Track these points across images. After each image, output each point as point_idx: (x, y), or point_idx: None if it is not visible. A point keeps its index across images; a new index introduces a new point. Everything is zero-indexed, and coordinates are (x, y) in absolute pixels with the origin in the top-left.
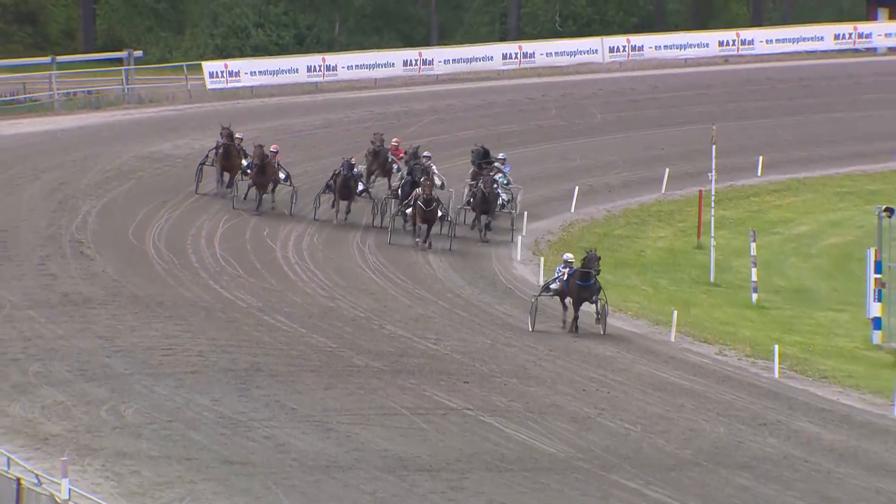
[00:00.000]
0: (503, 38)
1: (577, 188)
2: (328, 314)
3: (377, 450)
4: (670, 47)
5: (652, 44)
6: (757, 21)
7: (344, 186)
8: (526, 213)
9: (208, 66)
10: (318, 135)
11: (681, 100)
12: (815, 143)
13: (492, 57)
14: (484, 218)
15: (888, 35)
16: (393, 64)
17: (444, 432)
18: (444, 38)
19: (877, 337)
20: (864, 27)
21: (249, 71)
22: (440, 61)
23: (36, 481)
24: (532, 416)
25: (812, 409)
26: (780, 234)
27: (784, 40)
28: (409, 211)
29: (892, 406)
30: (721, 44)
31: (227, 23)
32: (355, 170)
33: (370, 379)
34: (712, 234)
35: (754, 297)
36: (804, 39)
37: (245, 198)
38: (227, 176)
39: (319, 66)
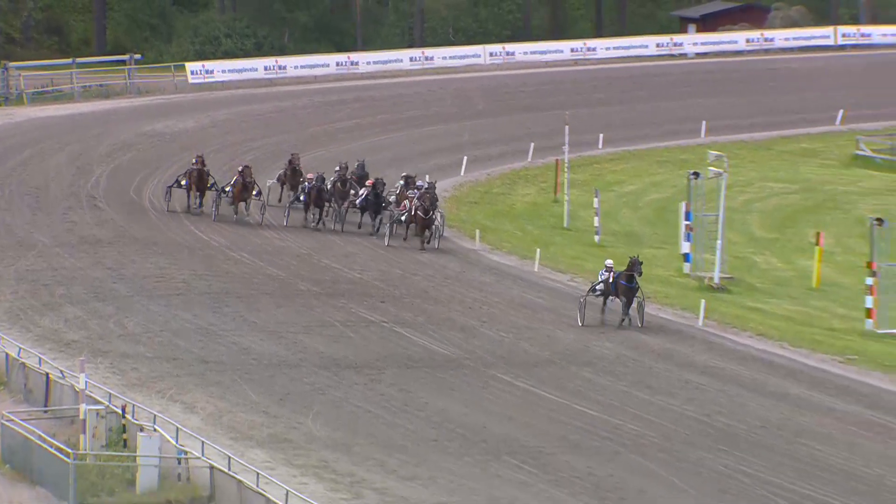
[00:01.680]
0: (410, 46)
1: (465, 158)
2: (280, 252)
3: (316, 352)
4: (535, 52)
5: (521, 50)
6: (599, 33)
7: (318, 197)
8: (427, 175)
9: (190, 66)
10: (273, 117)
11: (543, 92)
12: (641, 124)
13: (402, 59)
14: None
15: (695, 44)
16: (328, 65)
17: (366, 339)
18: (367, 46)
19: (687, 268)
20: (678, 38)
21: (221, 70)
22: (364, 63)
23: (60, 375)
24: (431, 327)
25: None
26: (615, 191)
27: (619, 48)
28: (403, 218)
29: (697, 318)
30: (573, 50)
31: (204, 34)
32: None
33: (311, 300)
34: (567, 192)
35: (597, 238)
36: (634, 47)
37: (217, 210)
38: (196, 196)
39: (273, 66)
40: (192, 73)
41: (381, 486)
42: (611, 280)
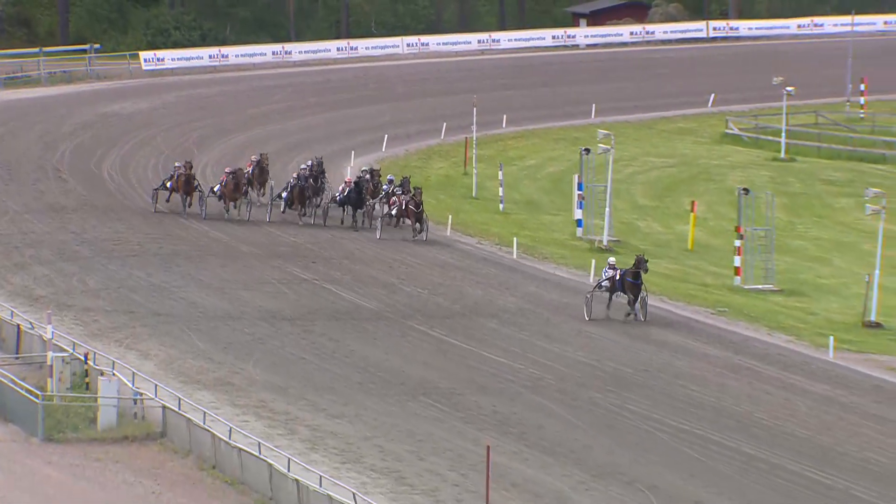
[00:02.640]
0: (338, 37)
1: (386, 136)
2: (223, 218)
3: (255, 306)
4: (446, 44)
5: (434, 41)
6: (502, 26)
7: (301, 194)
8: (354, 151)
9: (144, 54)
10: (216, 100)
11: (453, 79)
12: (540, 106)
13: (330, 49)
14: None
15: (586, 36)
16: (265, 54)
17: (300, 295)
18: (299, 37)
19: (580, 232)
20: (571, 31)
21: (171, 58)
22: (296, 52)
23: (30, 326)
24: (357, 284)
25: (538, 278)
26: (517, 165)
27: (520, 39)
28: (394, 212)
29: (588, 276)
30: (479, 42)
31: (155, 26)
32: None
33: (251, 260)
34: (475, 166)
35: (502, 206)
36: (533, 39)
37: (205, 209)
38: (180, 198)
39: (217, 55)
40: (145, 60)
41: (312, 423)
42: (617, 277)
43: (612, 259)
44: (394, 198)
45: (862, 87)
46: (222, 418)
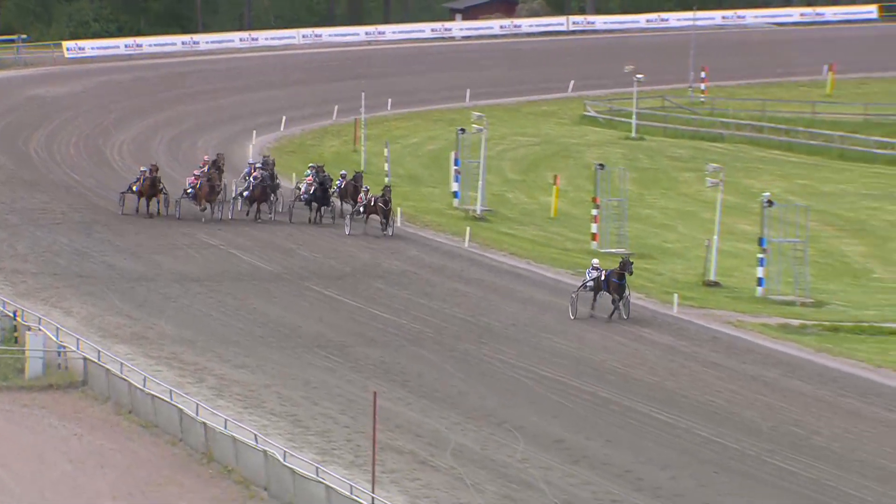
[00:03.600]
0: (241, 29)
1: (284, 117)
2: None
3: (168, 269)
4: (338, 35)
5: (327, 33)
6: (387, 20)
7: (263, 192)
8: (255, 131)
9: (67, 44)
10: (132, 85)
11: (344, 66)
12: (421, 91)
13: (234, 40)
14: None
15: (462, 29)
16: (175, 44)
17: (208, 259)
18: (206, 29)
19: (456, 202)
20: (448, 24)
21: (91, 47)
22: (204, 42)
23: None
24: (258, 249)
25: (419, 243)
26: (401, 143)
27: (403, 32)
28: (362, 209)
29: (463, 241)
30: (367, 34)
31: (77, 19)
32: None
33: (163, 227)
34: (363, 144)
35: (388, 179)
36: (415, 31)
37: (179, 210)
38: (144, 201)
39: (132, 45)
40: (68, 49)
41: (219, 372)
42: (602, 278)
43: (595, 260)
44: (361, 195)
45: (703, 74)
46: (138, 368)
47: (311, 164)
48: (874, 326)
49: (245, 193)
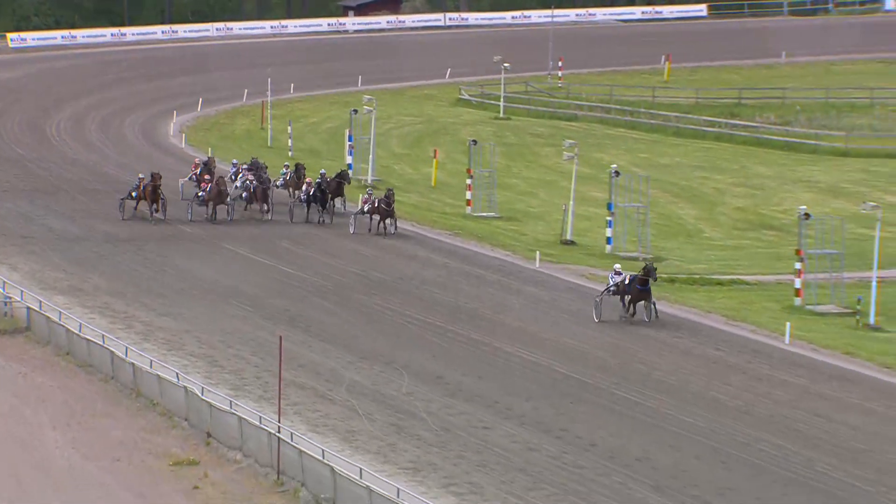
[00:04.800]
0: (163, 23)
1: (201, 99)
2: (75, 163)
3: (100, 231)
4: (247, 29)
5: (238, 27)
6: (289, 15)
7: (263, 193)
8: (176, 111)
9: (11, 35)
10: (68, 72)
11: (253, 56)
12: (319, 77)
13: (156, 32)
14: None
15: (354, 24)
16: (105, 35)
17: (136, 223)
18: (133, 22)
19: (350, 173)
20: (342, 20)
21: (32, 38)
22: (130, 35)
23: None
24: (182, 215)
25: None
26: (302, 122)
27: (304, 26)
28: (366, 209)
29: (356, 206)
30: (272, 27)
31: (20, 13)
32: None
33: (99, 196)
34: (269, 122)
35: (290, 153)
36: (313, 25)
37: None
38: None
39: (68, 37)
40: (11, 40)
41: (145, 320)
42: (626, 282)
43: (617, 265)
44: (365, 195)
45: (560, 63)
46: (74, 316)
47: (252, 158)
48: (704, 278)
49: (244, 195)
